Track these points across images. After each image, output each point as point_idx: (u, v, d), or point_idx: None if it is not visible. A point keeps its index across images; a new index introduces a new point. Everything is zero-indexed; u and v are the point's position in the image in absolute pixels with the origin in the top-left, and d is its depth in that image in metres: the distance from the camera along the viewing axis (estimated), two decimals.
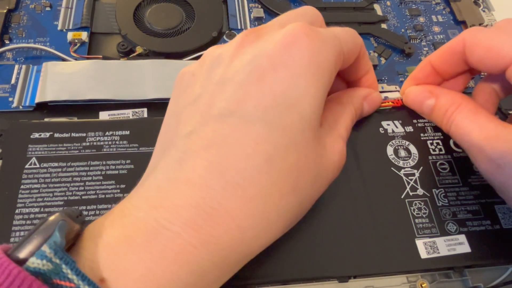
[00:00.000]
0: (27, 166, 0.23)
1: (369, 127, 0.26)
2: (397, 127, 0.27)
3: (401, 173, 0.25)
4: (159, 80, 0.30)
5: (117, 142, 0.25)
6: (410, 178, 0.25)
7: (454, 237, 0.23)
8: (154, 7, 0.35)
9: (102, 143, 0.25)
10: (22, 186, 0.23)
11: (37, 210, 0.22)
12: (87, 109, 0.28)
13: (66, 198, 0.23)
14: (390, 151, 0.26)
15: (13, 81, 0.30)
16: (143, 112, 0.29)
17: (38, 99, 0.28)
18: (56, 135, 0.25)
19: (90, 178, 0.23)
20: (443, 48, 0.25)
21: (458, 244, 0.23)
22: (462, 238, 0.23)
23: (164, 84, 0.29)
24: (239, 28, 0.35)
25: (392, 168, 0.25)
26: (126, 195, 0.18)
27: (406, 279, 0.23)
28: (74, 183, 0.23)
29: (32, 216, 0.22)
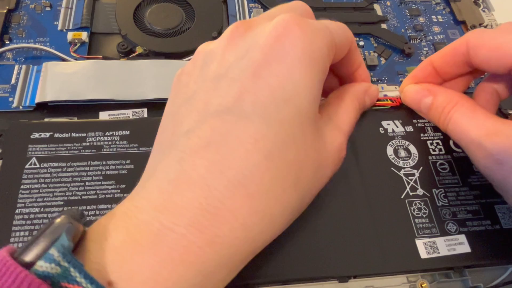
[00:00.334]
0: (27, 166, 0.23)
1: (369, 127, 0.26)
2: (397, 127, 0.27)
3: (401, 173, 0.25)
4: (159, 80, 0.30)
5: (117, 142, 0.25)
6: (410, 178, 0.25)
7: (454, 237, 0.23)
8: (154, 7, 0.35)
9: (102, 143, 0.25)
10: (22, 186, 0.23)
11: (37, 210, 0.22)
12: (87, 109, 0.28)
13: (66, 198, 0.23)
14: (390, 151, 0.26)
15: (13, 81, 0.30)
16: (143, 112, 0.29)
17: (38, 99, 0.28)
18: (56, 135, 0.25)
19: (90, 178, 0.23)
20: (446, 50, 0.25)
21: (458, 244, 0.23)
22: (462, 238, 0.23)
23: (164, 84, 0.29)
24: None
25: (392, 168, 0.25)
26: (126, 195, 0.18)
27: (406, 279, 0.23)
28: (74, 183, 0.23)
29: (32, 216, 0.22)
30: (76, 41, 0.32)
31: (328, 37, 0.20)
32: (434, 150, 0.26)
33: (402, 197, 0.24)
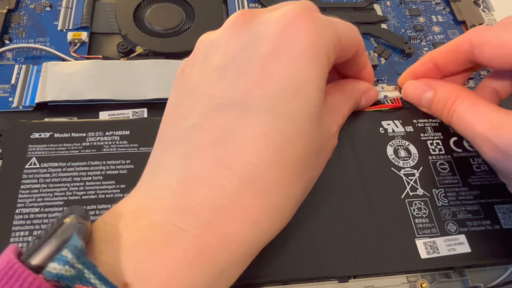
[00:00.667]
0: (27, 166, 0.23)
1: (369, 127, 0.26)
2: (397, 127, 0.26)
3: (401, 173, 0.25)
4: (159, 80, 0.30)
5: (117, 142, 0.25)
6: (410, 178, 0.25)
7: (454, 237, 0.23)
8: (154, 7, 0.35)
9: (102, 143, 0.25)
10: (22, 186, 0.23)
11: (37, 210, 0.22)
12: (87, 109, 0.28)
13: (66, 198, 0.23)
14: (390, 151, 0.25)
15: (13, 81, 0.30)
16: (143, 112, 0.29)
17: (38, 99, 0.28)
18: (56, 135, 0.25)
19: (90, 178, 0.23)
20: (448, 47, 0.24)
21: (458, 244, 0.23)
22: (462, 238, 0.23)
23: (164, 84, 0.29)
24: None
25: (392, 168, 0.25)
26: (126, 195, 0.18)
27: (406, 279, 0.23)
28: (74, 183, 0.23)
29: (32, 216, 0.22)
30: (76, 41, 0.32)
31: (334, 32, 0.19)
32: (434, 150, 0.26)
33: (402, 197, 0.24)
